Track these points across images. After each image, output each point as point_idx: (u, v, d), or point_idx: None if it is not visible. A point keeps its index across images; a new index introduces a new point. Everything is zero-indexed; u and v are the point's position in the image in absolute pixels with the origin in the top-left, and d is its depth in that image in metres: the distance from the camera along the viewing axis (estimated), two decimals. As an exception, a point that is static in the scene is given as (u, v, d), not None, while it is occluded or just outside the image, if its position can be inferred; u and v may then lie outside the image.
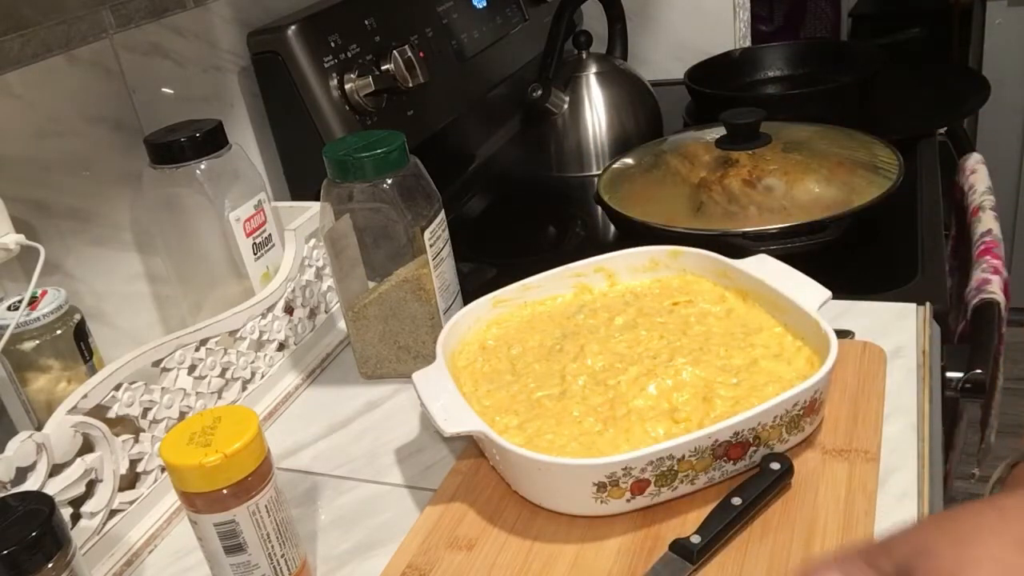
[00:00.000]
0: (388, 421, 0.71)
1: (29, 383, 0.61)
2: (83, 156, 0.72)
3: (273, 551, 0.51)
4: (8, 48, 0.66)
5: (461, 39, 1.12)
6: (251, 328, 0.72)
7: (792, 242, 0.79)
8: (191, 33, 0.83)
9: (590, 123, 1.16)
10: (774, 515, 0.53)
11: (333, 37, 0.90)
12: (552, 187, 1.18)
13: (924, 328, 0.70)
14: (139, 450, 0.62)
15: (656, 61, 1.49)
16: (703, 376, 0.61)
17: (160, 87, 0.80)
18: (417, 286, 0.71)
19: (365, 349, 0.75)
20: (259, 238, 0.75)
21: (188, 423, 0.50)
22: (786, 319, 0.64)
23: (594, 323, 0.69)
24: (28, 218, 0.67)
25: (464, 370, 0.66)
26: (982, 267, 0.88)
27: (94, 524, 0.58)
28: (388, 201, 0.69)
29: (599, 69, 1.17)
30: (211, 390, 0.68)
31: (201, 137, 0.71)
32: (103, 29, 0.74)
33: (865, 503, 0.53)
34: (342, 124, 0.89)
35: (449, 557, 0.54)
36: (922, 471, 0.56)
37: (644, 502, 0.54)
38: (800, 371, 0.60)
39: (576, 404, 0.60)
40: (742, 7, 1.44)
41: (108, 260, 0.75)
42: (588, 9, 1.34)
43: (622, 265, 0.74)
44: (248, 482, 0.49)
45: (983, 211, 0.98)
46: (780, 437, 0.56)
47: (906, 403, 0.62)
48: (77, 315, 0.63)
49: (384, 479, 0.64)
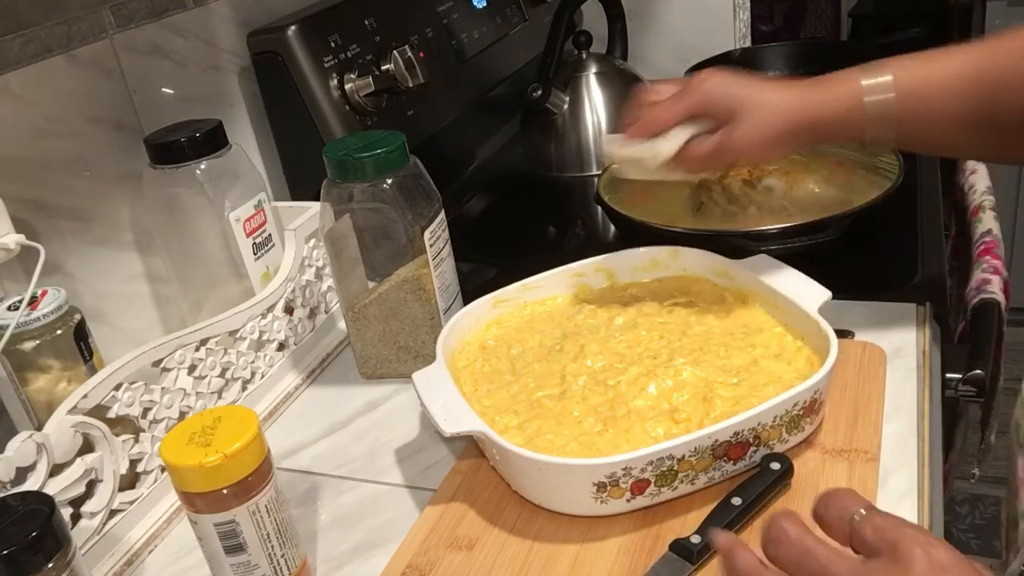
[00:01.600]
0: (388, 421, 0.71)
1: (29, 383, 0.61)
2: (83, 156, 0.72)
3: (273, 551, 0.51)
4: (8, 48, 0.66)
5: (461, 39, 1.12)
6: (251, 328, 0.72)
7: (792, 242, 0.79)
8: (191, 33, 0.83)
9: (590, 123, 1.16)
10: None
11: (333, 37, 0.90)
12: (552, 187, 1.17)
13: (924, 328, 0.70)
14: (139, 450, 0.62)
15: (656, 61, 1.49)
16: (703, 376, 0.61)
17: (160, 87, 0.80)
18: (417, 286, 0.71)
19: (365, 349, 0.75)
20: (259, 238, 0.75)
21: (188, 423, 0.50)
22: (786, 319, 0.64)
23: (594, 323, 0.69)
24: (28, 218, 0.67)
25: (464, 370, 0.66)
26: (982, 267, 0.88)
27: (94, 524, 0.58)
28: (388, 201, 0.69)
29: (599, 69, 1.17)
30: (211, 390, 0.68)
31: (201, 137, 0.71)
32: (103, 29, 0.74)
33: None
34: (342, 124, 0.89)
35: (449, 557, 0.54)
36: (922, 471, 0.56)
37: (644, 502, 0.54)
38: (800, 371, 0.60)
39: (576, 404, 0.60)
40: (742, 7, 1.44)
41: (108, 260, 0.74)
42: (588, 9, 1.34)
43: (622, 265, 0.74)
44: (248, 482, 0.49)
45: (983, 211, 0.98)
46: (780, 437, 0.56)
47: (906, 403, 0.62)
48: (77, 315, 0.63)
49: (384, 479, 0.64)
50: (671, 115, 0.66)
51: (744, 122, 0.63)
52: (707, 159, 0.65)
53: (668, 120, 0.66)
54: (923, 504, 0.54)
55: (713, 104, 0.64)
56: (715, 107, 0.64)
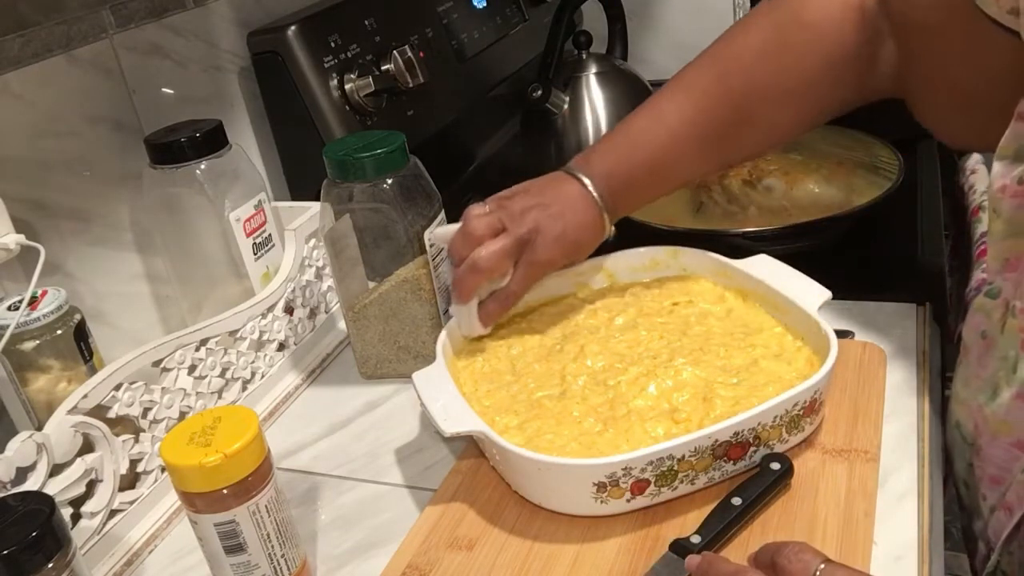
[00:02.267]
0: (388, 421, 0.71)
1: (29, 383, 0.61)
2: (83, 156, 0.72)
3: (273, 551, 0.51)
4: (8, 48, 0.66)
5: (461, 39, 1.12)
6: (251, 328, 0.72)
7: (792, 242, 0.79)
8: (191, 33, 0.83)
9: (590, 123, 1.16)
10: (774, 515, 0.53)
11: (333, 37, 0.90)
12: (552, 187, 1.17)
13: (924, 328, 0.70)
14: (139, 450, 0.62)
15: (656, 61, 1.49)
16: (703, 376, 0.60)
17: (160, 87, 0.80)
18: (417, 286, 0.71)
19: (365, 349, 0.75)
20: (259, 238, 0.75)
21: (188, 423, 0.50)
22: (786, 319, 0.64)
23: (594, 323, 0.69)
24: (28, 218, 0.67)
25: (464, 370, 0.66)
26: (982, 267, 0.88)
27: (94, 524, 0.58)
28: (388, 201, 0.69)
29: (599, 69, 1.17)
30: (211, 390, 0.68)
31: (201, 137, 0.71)
32: (103, 29, 0.74)
33: (865, 503, 0.53)
34: (342, 124, 0.89)
35: (449, 557, 0.54)
36: (922, 471, 0.56)
37: (644, 502, 0.54)
38: (800, 371, 0.60)
39: (576, 404, 0.60)
40: (742, 7, 1.44)
41: (108, 260, 0.74)
42: (588, 9, 1.34)
43: (622, 265, 0.74)
44: (248, 482, 0.49)
45: (983, 211, 0.98)
46: (780, 437, 0.56)
47: (906, 403, 0.62)
48: (77, 315, 0.63)
49: (384, 479, 0.64)
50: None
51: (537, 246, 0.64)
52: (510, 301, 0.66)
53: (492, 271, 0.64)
54: (923, 504, 0.54)
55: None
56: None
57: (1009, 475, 0.54)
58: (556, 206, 0.65)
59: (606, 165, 0.66)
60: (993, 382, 0.54)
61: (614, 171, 0.66)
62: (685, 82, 0.66)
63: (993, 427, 0.54)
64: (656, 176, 0.67)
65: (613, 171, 0.66)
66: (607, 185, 0.66)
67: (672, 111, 0.66)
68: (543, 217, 0.64)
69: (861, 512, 0.52)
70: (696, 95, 0.65)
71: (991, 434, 0.54)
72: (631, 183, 0.67)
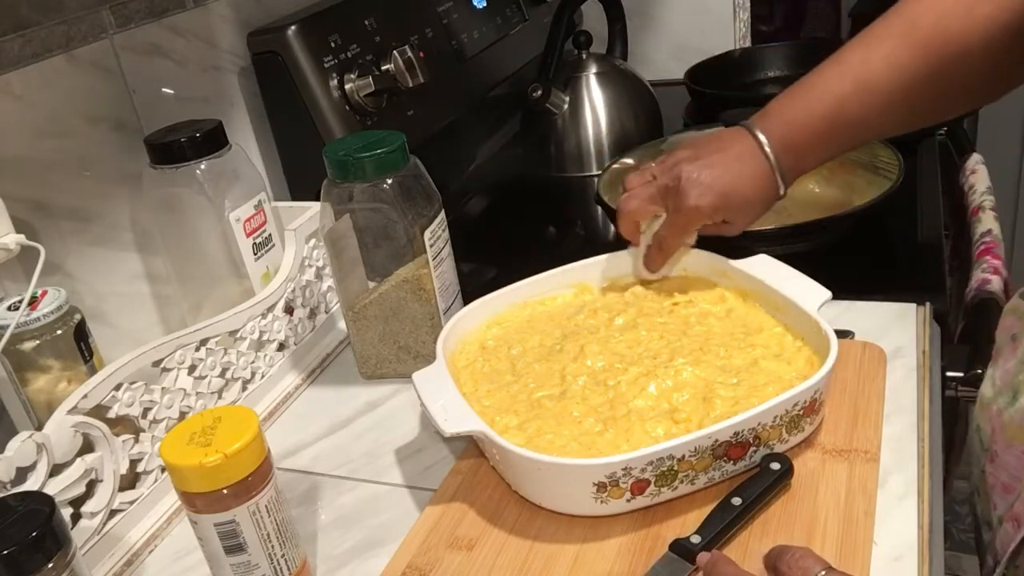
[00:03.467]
0: (388, 421, 0.71)
1: (29, 383, 0.61)
2: (83, 156, 0.72)
3: (273, 551, 0.51)
4: (8, 48, 0.66)
5: (461, 39, 1.12)
6: (251, 328, 0.72)
7: (792, 242, 0.79)
8: (191, 33, 0.83)
9: (590, 123, 1.16)
10: (774, 515, 0.53)
11: (333, 37, 0.90)
12: (552, 187, 1.17)
13: (924, 328, 0.70)
14: (139, 450, 0.62)
15: (656, 61, 1.49)
16: (703, 376, 0.60)
17: (160, 87, 0.80)
18: (417, 286, 0.71)
19: (365, 349, 0.75)
20: (259, 238, 0.75)
21: (188, 423, 0.50)
22: (786, 319, 0.64)
23: (594, 323, 0.69)
24: (28, 218, 0.67)
25: (464, 370, 0.66)
26: (982, 267, 0.88)
27: (94, 524, 0.58)
28: (388, 201, 0.69)
29: (599, 69, 1.17)
30: (211, 390, 0.68)
31: (201, 137, 0.71)
32: (103, 29, 0.74)
33: (865, 503, 0.53)
34: (342, 124, 0.89)
35: (449, 557, 0.54)
36: (922, 471, 0.56)
37: (644, 502, 0.54)
38: (800, 371, 0.60)
39: (576, 404, 0.60)
40: (742, 7, 1.44)
41: (108, 260, 0.74)
42: (588, 9, 1.34)
43: (622, 265, 0.74)
44: (248, 482, 0.49)
45: (983, 211, 0.98)
46: (780, 437, 0.56)
47: (906, 403, 0.62)
48: (77, 315, 0.63)
49: (384, 479, 0.64)
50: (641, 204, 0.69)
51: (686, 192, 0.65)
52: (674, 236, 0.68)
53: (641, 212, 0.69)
54: (923, 504, 0.54)
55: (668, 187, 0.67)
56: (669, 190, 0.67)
57: (1020, 484, 0.53)
58: (712, 156, 0.65)
59: (784, 116, 0.64)
60: (1014, 386, 0.53)
61: (792, 121, 0.64)
62: (873, 33, 0.63)
63: (1010, 433, 0.53)
64: (837, 129, 0.64)
65: (792, 121, 0.64)
66: (784, 136, 0.64)
67: (857, 61, 0.62)
68: (691, 167, 0.65)
69: (861, 512, 0.52)
70: (886, 45, 0.62)
71: (1007, 441, 0.54)
72: (811, 134, 0.64)
